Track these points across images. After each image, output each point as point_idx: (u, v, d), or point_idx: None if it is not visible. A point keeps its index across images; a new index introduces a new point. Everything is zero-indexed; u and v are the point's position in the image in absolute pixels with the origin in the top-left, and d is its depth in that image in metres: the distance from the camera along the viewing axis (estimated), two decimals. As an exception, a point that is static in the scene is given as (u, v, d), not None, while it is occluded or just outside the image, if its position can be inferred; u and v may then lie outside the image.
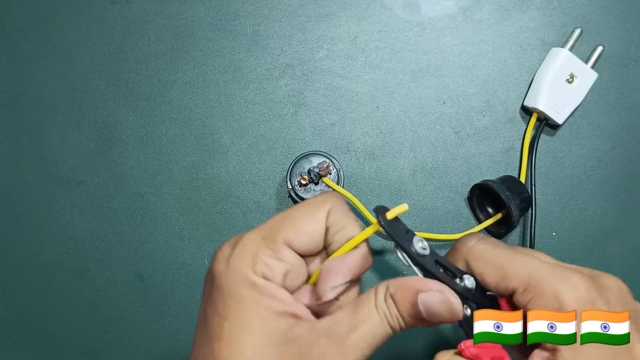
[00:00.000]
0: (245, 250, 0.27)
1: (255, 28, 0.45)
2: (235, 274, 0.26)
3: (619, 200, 0.43)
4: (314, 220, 0.28)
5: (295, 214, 0.28)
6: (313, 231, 0.28)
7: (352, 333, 0.26)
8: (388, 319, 0.26)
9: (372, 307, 0.27)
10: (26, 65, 0.45)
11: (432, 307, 0.27)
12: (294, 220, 0.28)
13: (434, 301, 0.27)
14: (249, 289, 0.26)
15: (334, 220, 0.28)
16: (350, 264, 0.28)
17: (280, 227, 0.28)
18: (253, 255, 0.27)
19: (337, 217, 0.28)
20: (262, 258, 0.27)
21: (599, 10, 0.45)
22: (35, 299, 0.43)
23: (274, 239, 0.27)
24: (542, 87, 0.42)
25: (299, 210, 0.28)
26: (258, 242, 0.27)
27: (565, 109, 0.42)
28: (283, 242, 0.27)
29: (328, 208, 0.28)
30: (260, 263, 0.27)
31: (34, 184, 0.44)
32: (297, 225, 0.28)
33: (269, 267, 0.27)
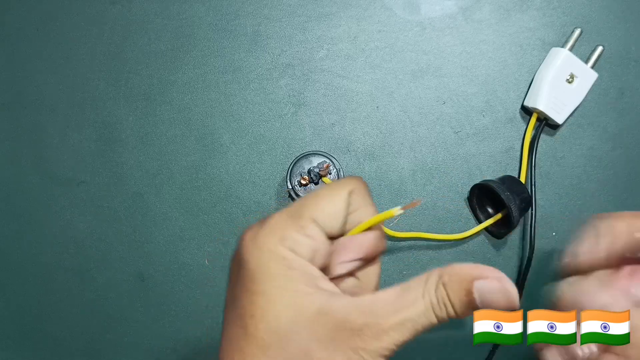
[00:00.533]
0: (272, 227, 0.27)
1: (255, 28, 0.45)
2: (264, 250, 0.26)
3: (619, 200, 0.43)
4: (337, 200, 0.28)
5: (320, 194, 0.28)
6: (336, 211, 0.28)
7: (392, 316, 0.25)
8: (435, 307, 0.26)
9: (419, 293, 0.26)
10: (26, 65, 0.45)
11: (488, 295, 0.26)
12: (318, 199, 0.28)
13: (491, 289, 0.26)
14: (279, 263, 0.26)
15: (353, 201, 0.28)
16: (361, 242, 0.28)
17: (305, 205, 0.27)
18: (281, 231, 0.26)
19: (357, 199, 0.28)
20: (290, 234, 0.26)
21: (599, 10, 0.45)
22: (35, 299, 0.43)
23: (300, 216, 0.27)
24: (542, 87, 0.42)
25: (323, 190, 0.28)
26: (285, 220, 0.27)
27: (565, 109, 0.42)
28: (310, 219, 0.27)
29: (350, 189, 0.28)
30: (289, 238, 0.26)
31: (34, 184, 0.44)
32: (321, 204, 0.28)
33: (297, 242, 0.26)
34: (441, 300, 0.26)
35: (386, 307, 0.25)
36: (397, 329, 0.25)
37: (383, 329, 0.25)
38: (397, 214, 0.27)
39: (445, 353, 0.41)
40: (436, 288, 0.26)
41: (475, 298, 0.25)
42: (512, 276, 0.42)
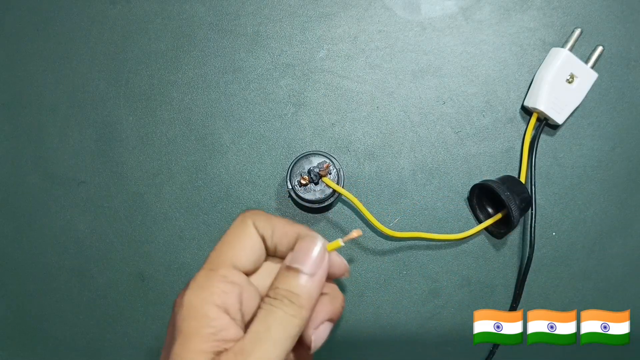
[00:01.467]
0: (198, 286, 0.28)
1: (255, 28, 0.45)
2: (190, 310, 0.28)
3: (619, 200, 0.43)
4: (248, 235, 0.30)
5: (228, 239, 0.30)
6: (253, 245, 0.30)
7: (254, 342, 0.27)
8: (276, 305, 0.28)
9: (259, 310, 0.28)
10: (26, 65, 0.45)
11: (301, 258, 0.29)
12: (231, 243, 0.30)
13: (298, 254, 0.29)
14: (200, 322, 0.27)
15: (263, 227, 0.31)
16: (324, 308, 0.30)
17: (221, 255, 0.29)
18: (207, 288, 0.28)
19: (264, 224, 0.31)
20: (217, 287, 0.28)
21: (599, 10, 0.45)
22: (35, 299, 0.43)
23: (221, 266, 0.29)
24: (542, 87, 0.42)
25: (230, 235, 0.30)
26: (208, 275, 0.29)
27: (565, 109, 0.42)
28: (230, 266, 0.29)
29: (251, 221, 0.31)
30: (217, 292, 0.28)
31: (34, 184, 0.44)
32: (236, 247, 0.30)
33: (226, 292, 0.28)
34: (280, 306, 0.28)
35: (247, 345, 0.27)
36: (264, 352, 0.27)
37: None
38: (341, 244, 0.30)
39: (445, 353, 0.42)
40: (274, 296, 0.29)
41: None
42: (512, 276, 0.42)
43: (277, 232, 0.31)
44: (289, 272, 0.29)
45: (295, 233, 0.31)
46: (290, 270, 0.29)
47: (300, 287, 0.28)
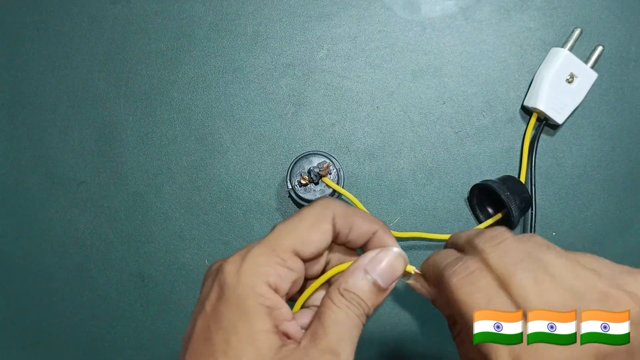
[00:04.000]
0: (255, 262, 0.28)
1: (255, 28, 0.45)
2: (246, 288, 0.27)
3: (619, 200, 0.43)
4: (321, 231, 0.29)
5: (301, 226, 0.29)
6: (321, 241, 0.29)
7: (339, 342, 0.27)
8: (352, 312, 0.28)
9: (333, 312, 0.28)
10: (26, 65, 0.45)
11: (386, 275, 0.29)
12: (301, 232, 0.29)
13: (384, 269, 0.29)
14: (259, 303, 0.27)
15: (342, 225, 0.30)
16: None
17: (287, 238, 0.29)
18: (263, 267, 0.28)
19: (344, 222, 0.30)
20: (274, 268, 0.28)
21: (599, 10, 0.45)
22: (35, 299, 0.43)
23: (282, 249, 0.28)
24: (542, 87, 0.42)
25: (305, 221, 0.29)
26: (267, 254, 0.28)
27: (565, 109, 0.42)
28: (291, 251, 0.28)
29: (332, 216, 0.30)
30: (271, 274, 0.28)
31: (34, 184, 0.44)
32: (304, 237, 0.29)
33: (281, 276, 0.28)
34: (354, 302, 0.28)
35: (319, 339, 0.28)
36: (338, 348, 0.27)
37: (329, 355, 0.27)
38: (413, 272, 0.31)
39: (445, 353, 0.42)
40: (342, 295, 0.29)
41: (378, 284, 0.29)
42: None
43: (354, 232, 0.30)
44: (366, 279, 0.29)
45: (371, 231, 0.30)
46: (367, 276, 0.29)
47: (372, 299, 0.29)
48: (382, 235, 0.30)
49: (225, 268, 0.28)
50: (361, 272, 0.29)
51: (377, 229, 0.30)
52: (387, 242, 0.30)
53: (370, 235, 0.31)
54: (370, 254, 0.30)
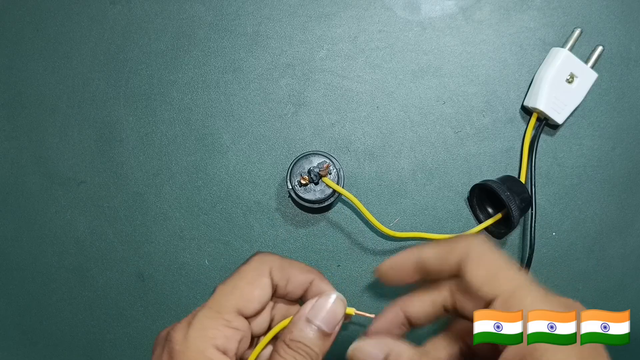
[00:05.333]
0: (201, 326, 0.29)
1: (255, 28, 0.45)
2: (195, 354, 0.28)
3: (619, 200, 0.43)
4: (261, 286, 0.30)
5: (240, 284, 0.30)
6: (262, 296, 0.30)
7: None
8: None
9: (285, 353, 0.29)
10: (26, 65, 0.45)
11: (328, 319, 0.30)
12: (241, 290, 0.30)
13: (325, 315, 0.30)
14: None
15: (278, 278, 0.31)
16: None
17: (229, 298, 0.30)
18: (210, 330, 0.29)
19: (280, 274, 0.31)
20: (220, 331, 0.29)
21: (599, 10, 0.45)
22: (35, 299, 0.43)
23: (226, 310, 0.29)
24: (542, 87, 0.42)
25: (244, 278, 0.30)
26: (213, 317, 0.29)
27: (565, 109, 0.42)
28: (235, 311, 0.29)
29: (269, 270, 0.31)
30: (220, 336, 0.29)
31: (34, 184, 0.44)
32: (245, 295, 0.30)
33: (228, 338, 0.29)
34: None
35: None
36: None
37: None
38: (353, 314, 0.32)
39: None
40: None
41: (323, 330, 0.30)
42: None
43: (291, 283, 0.31)
44: (310, 327, 0.30)
45: (309, 281, 0.31)
46: (310, 324, 0.30)
47: (319, 345, 0.30)
48: (319, 283, 0.31)
49: (173, 336, 0.29)
50: (303, 321, 0.30)
51: (313, 278, 0.31)
52: (324, 289, 0.31)
53: (307, 285, 0.31)
54: (310, 302, 0.31)
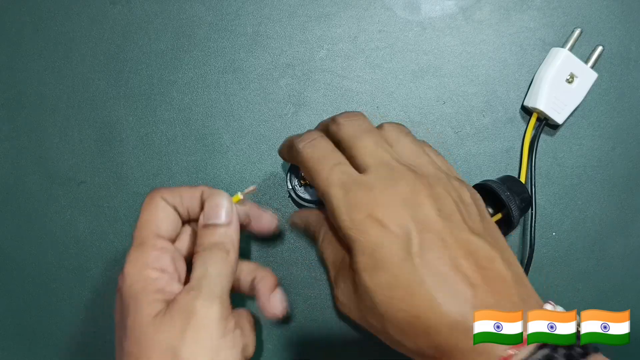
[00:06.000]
0: (132, 259, 0.33)
1: (255, 28, 0.45)
2: (130, 277, 0.32)
3: (619, 200, 0.43)
4: (161, 209, 0.34)
5: (145, 217, 0.34)
6: (167, 215, 0.34)
7: (200, 280, 0.32)
8: (211, 255, 0.33)
9: (195, 265, 0.33)
10: (26, 65, 0.45)
11: (214, 212, 0.34)
12: (148, 220, 0.34)
13: (209, 211, 0.34)
14: (147, 285, 0.32)
15: (172, 198, 0.35)
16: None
17: (143, 229, 0.34)
18: (141, 258, 0.32)
19: (172, 196, 0.35)
20: (150, 256, 0.33)
21: (599, 10, 0.45)
22: (35, 299, 0.43)
23: (147, 239, 0.33)
24: (542, 87, 0.42)
25: (145, 213, 0.35)
26: (138, 249, 0.33)
27: (565, 109, 0.42)
28: (154, 236, 0.33)
29: (159, 196, 0.35)
30: (151, 259, 0.32)
31: (34, 184, 0.44)
32: (153, 221, 0.34)
33: (158, 258, 0.33)
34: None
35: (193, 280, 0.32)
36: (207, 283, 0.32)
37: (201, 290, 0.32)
38: (241, 197, 0.35)
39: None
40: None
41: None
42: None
43: (185, 199, 0.35)
44: (208, 229, 0.34)
45: (199, 193, 0.35)
46: (207, 227, 0.34)
47: (222, 236, 0.33)
48: (209, 192, 0.35)
49: (118, 281, 0.33)
50: (201, 227, 0.34)
51: (201, 190, 0.35)
52: (211, 193, 0.35)
53: (200, 199, 0.35)
54: (202, 212, 0.35)
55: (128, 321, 0.31)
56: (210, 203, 0.34)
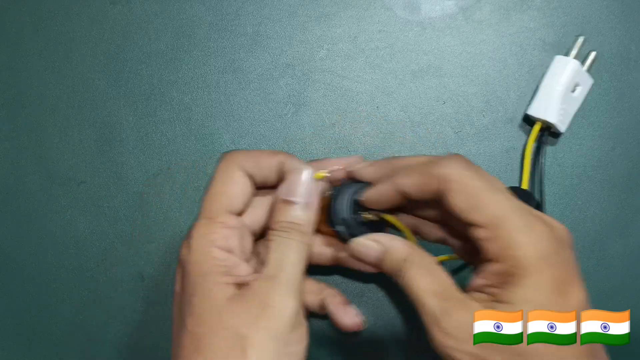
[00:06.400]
0: (199, 234, 0.31)
1: (255, 28, 0.45)
2: (199, 256, 0.31)
3: (619, 200, 0.43)
4: (236, 181, 0.33)
5: (219, 187, 0.32)
6: (242, 189, 0.33)
7: (276, 267, 0.30)
8: (285, 237, 0.31)
9: (269, 247, 0.31)
10: (26, 65, 0.45)
11: (295, 189, 0.32)
12: (222, 191, 0.32)
13: (290, 187, 0.32)
14: (214, 264, 0.30)
15: (250, 167, 0.33)
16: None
17: (215, 203, 0.32)
18: (208, 235, 0.31)
19: (250, 163, 0.33)
20: (217, 233, 0.31)
21: (599, 11, 0.45)
22: (35, 299, 0.43)
23: (217, 214, 0.32)
24: (553, 100, 0.41)
25: (219, 180, 0.33)
26: (207, 224, 0.32)
27: (568, 117, 0.42)
28: (225, 212, 0.32)
29: (237, 165, 0.33)
30: (219, 238, 0.31)
31: (34, 184, 0.44)
32: (228, 193, 0.32)
33: (226, 237, 0.31)
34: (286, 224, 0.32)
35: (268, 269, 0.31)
36: (283, 273, 0.30)
37: (275, 281, 0.30)
38: (324, 175, 0.33)
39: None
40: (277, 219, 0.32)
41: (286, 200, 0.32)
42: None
43: (262, 168, 0.33)
44: (287, 205, 0.32)
45: (278, 162, 0.33)
46: (287, 203, 0.32)
47: (300, 216, 0.31)
48: (289, 162, 0.33)
49: (180, 253, 0.32)
50: (280, 202, 0.32)
51: (281, 158, 0.33)
52: (294, 165, 0.33)
53: (279, 167, 0.33)
54: (284, 183, 0.33)
55: (195, 300, 0.30)
56: (292, 177, 0.32)
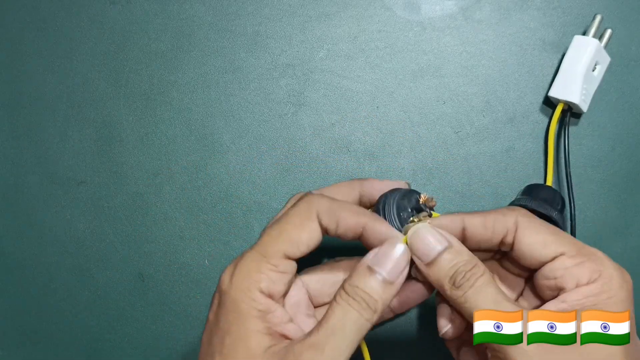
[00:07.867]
0: (247, 269, 0.29)
1: (255, 28, 0.45)
2: (239, 293, 0.28)
3: (619, 200, 0.43)
4: (308, 230, 0.30)
5: (287, 228, 0.30)
6: (310, 239, 0.30)
7: (328, 337, 0.27)
8: (352, 307, 0.28)
9: (332, 308, 0.28)
10: (26, 65, 0.45)
11: (386, 265, 0.29)
12: (288, 234, 0.29)
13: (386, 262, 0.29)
14: (252, 307, 0.28)
15: (327, 222, 0.30)
16: None
17: (276, 243, 0.29)
18: (255, 273, 0.29)
19: (329, 218, 0.30)
20: (266, 274, 0.29)
21: (599, 10, 0.45)
22: (35, 299, 0.43)
23: (272, 254, 0.29)
24: (575, 80, 0.41)
25: (291, 222, 0.30)
26: (258, 260, 0.29)
27: (588, 96, 0.42)
28: (281, 255, 0.29)
29: (316, 213, 0.30)
30: (265, 279, 0.29)
31: (34, 184, 0.44)
32: (293, 239, 0.29)
33: (273, 281, 0.29)
34: (358, 296, 0.28)
35: (321, 333, 0.28)
36: (334, 344, 0.27)
37: (325, 352, 0.27)
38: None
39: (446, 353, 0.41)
40: (345, 289, 0.29)
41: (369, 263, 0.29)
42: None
43: (341, 227, 0.30)
44: (371, 275, 0.29)
45: (360, 225, 0.30)
46: (372, 272, 0.29)
47: (379, 293, 0.28)
48: (374, 226, 0.30)
49: (221, 277, 0.29)
50: (364, 267, 0.29)
51: (365, 222, 0.30)
52: (381, 231, 0.30)
53: (359, 229, 0.30)
54: (374, 250, 0.29)
55: (228, 340, 0.28)
56: (386, 249, 0.29)
